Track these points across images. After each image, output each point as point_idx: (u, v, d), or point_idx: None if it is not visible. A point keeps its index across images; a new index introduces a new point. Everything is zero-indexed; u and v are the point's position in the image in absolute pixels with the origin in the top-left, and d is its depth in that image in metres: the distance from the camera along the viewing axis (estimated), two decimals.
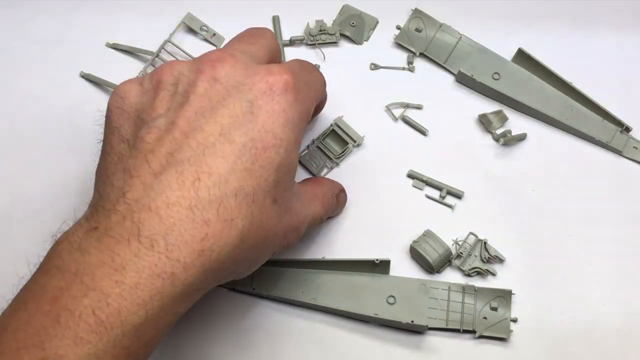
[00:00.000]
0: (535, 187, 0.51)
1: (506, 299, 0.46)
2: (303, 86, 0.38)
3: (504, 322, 0.45)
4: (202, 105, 0.36)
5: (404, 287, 0.46)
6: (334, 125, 0.52)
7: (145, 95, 0.37)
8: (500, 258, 0.48)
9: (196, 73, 0.37)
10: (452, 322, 0.45)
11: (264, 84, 0.37)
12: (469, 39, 0.54)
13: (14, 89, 0.54)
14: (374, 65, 0.55)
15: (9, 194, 0.50)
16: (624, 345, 0.46)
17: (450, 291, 0.46)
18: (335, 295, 0.46)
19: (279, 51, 0.43)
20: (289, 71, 0.38)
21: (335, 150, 0.52)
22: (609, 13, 0.57)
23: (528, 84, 0.53)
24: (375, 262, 0.45)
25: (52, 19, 0.56)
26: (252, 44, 0.41)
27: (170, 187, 0.34)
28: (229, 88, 0.36)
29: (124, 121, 0.37)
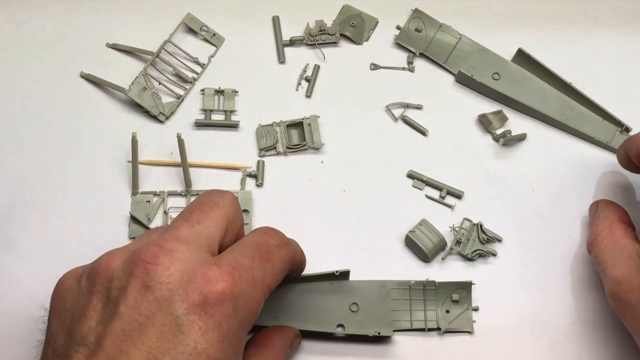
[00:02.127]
0: (535, 187, 0.51)
1: (467, 290, 0.46)
2: (246, 288, 0.35)
3: (465, 313, 0.45)
4: (132, 320, 0.33)
5: (365, 292, 0.45)
6: (305, 120, 0.52)
7: (81, 297, 0.35)
8: (498, 238, 0.49)
9: (129, 277, 0.34)
10: (416, 322, 0.45)
11: (197, 295, 0.33)
12: (469, 39, 0.54)
13: (14, 89, 0.54)
14: (373, 65, 0.55)
15: (9, 194, 0.50)
16: (624, 345, 0.46)
17: (411, 289, 0.46)
18: (298, 309, 0.45)
19: (239, 217, 0.40)
20: (229, 275, 0.34)
21: (291, 141, 0.52)
22: (609, 13, 0.57)
23: (528, 84, 0.53)
24: (336, 273, 0.44)
25: (52, 19, 0.56)
26: (200, 222, 0.37)
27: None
28: (160, 299, 0.33)
29: (58, 330, 0.35)
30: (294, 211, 0.50)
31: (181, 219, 0.37)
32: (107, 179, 0.51)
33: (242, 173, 0.51)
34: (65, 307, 0.35)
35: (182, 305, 0.33)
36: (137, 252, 0.35)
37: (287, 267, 0.39)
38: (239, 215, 0.40)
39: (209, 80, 0.54)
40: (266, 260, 0.37)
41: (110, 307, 0.34)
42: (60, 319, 0.35)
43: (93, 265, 0.36)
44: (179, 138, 0.48)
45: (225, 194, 0.40)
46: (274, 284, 0.37)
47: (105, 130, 0.52)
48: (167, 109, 0.53)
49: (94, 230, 0.49)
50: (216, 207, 0.38)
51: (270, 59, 0.55)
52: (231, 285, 0.34)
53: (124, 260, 0.35)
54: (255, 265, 0.36)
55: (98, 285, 0.34)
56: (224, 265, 0.35)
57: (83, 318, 0.34)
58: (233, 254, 0.36)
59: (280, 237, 0.40)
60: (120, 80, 0.53)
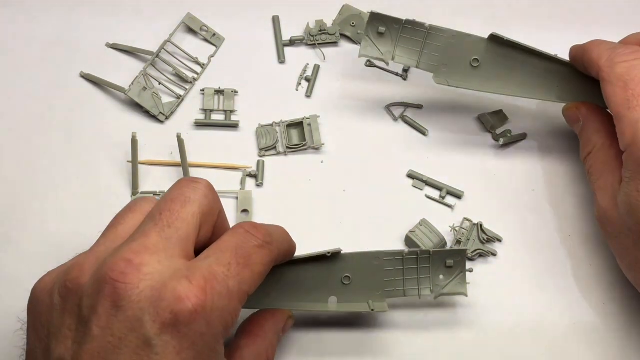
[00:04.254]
0: (535, 187, 0.51)
1: (462, 256, 0.44)
2: (220, 302, 0.33)
3: (460, 276, 0.45)
4: (105, 342, 0.32)
5: (357, 264, 0.44)
6: (305, 120, 0.52)
7: (55, 313, 0.34)
8: (498, 238, 0.49)
9: (98, 295, 0.32)
10: (409, 291, 0.44)
11: (169, 314, 0.31)
12: (438, 28, 0.48)
13: (14, 89, 0.54)
14: (369, 62, 0.55)
15: (9, 194, 0.50)
16: (624, 345, 0.46)
17: (405, 259, 0.44)
18: (290, 286, 0.43)
19: (215, 207, 0.37)
20: (201, 290, 0.32)
21: (291, 141, 0.52)
22: (609, 13, 0.57)
23: (509, 65, 0.48)
24: (327, 255, 0.43)
25: (52, 19, 0.56)
26: (171, 225, 0.35)
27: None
28: (132, 319, 0.32)
29: (37, 347, 0.34)
30: (294, 211, 0.50)
31: (150, 222, 0.35)
32: (107, 179, 0.51)
33: (242, 173, 0.51)
34: (41, 323, 0.34)
35: (154, 325, 0.31)
36: (105, 268, 0.33)
37: (267, 268, 0.37)
38: (215, 205, 0.37)
39: (209, 80, 0.54)
40: (244, 266, 0.35)
41: (83, 327, 0.32)
42: (37, 334, 0.34)
43: (64, 279, 0.34)
44: (179, 138, 0.48)
45: (197, 185, 0.37)
46: (252, 289, 0.36)
47: (105, 130, 0.52)
48: (167, 109, 0.53)
49: (94, 231, 0.48)
50: (188, 204, 0.35)
51: (270, 59, 0.55)
52: (203, 301, 0.32)
53: (92, 274, 0.33)
54: (230, 274, 0.34)
55: (69, 303, 0.33)
56: (196, 279, 0.33)
57: (60, 336, 0.33)
58: (207, 261, 0.34)
59: (263, 236, 0.37)
60: (120, 80, 0.53)
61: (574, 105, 0.49)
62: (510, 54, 0.48)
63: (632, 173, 0.41)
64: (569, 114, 0.49)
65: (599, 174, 0.45)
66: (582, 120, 0.48)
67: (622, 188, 0.42)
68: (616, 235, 0.43)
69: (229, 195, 0.50)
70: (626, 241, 0.42)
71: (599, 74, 0.44)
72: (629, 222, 0.41)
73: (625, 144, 0.42)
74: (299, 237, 0.49)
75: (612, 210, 0.43)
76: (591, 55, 0.45)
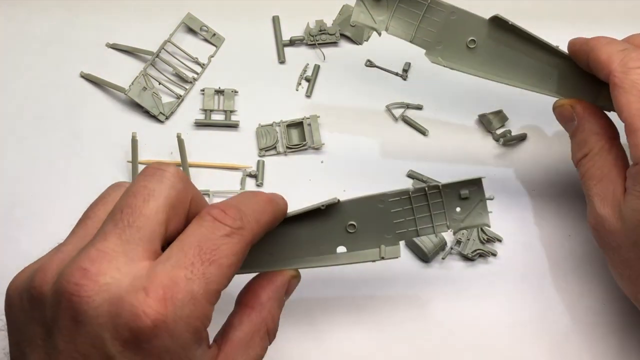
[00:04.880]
0: (535, 187, 0.51)
1: (477, 185, 0.40)
2: (184, 310, 0.31)
3: (480, 205, 0.40)
4: (71, 358, 0.30)
5: (361, 210, 0.40)
6: (305, 120, 0.52)
7: (25, 319, 0.32)
8: (498, 238, 0.49)
9: (58, 308, 0.31)
10: (423, 230, 0.41)
11: (128, 332, 0.30)
12: (439, 2, 0.45)
13: (14, 89, 0.54)
14: (369, 62, 0.55)
15: (9, 194, 0.50)
16: (624, 345, 0.46)
17: (412, 197, 0.40)
18: (293, 242, 0.40)
19: (185, 196, 0.34)
20: (160, 303, 0.30)
21: (291, 141, 0.52)
22: (609, 13, 0.57)
23: (507, 50, 0.46)
24: (322, 208, 0.40)
25: (52, 18, 0.56)
26: (132, 224, 0.32)
27: None
28: (93, 336, 0.30)
29: (16, 350, 0.33)
30: None
31: (110, 223, 0.32)
32: (107, 179, 0.50)
33: (242, 173, 0.51)
34: (17, 327, 0.33)
35: (114, 342, 0.30)
36: (63, 278, 0.31)
37: (242, 256, 0.34)
38: (185, 194, 0.34)
39: (209, 80, 0.54)
40: (210, 263, 0.32)
41: (50, 339, 0.31)
42: (15, 338, 0.33)
43: (29, 285, 0.32)
44: (179, 138, 0.48)
45: (163, 174, 0.33)
46: (223, 284, 0.33)
47: (105, 130, 0.52)
48: (167, 109, 0.53)
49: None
50: (151, 198, 0.32)
51: (270, 59, 0.55)
52: (163, 314, 0.30)
53: (53, 283, 0.31)
54: (194, 276, 0.31)
55: (36, 311, 0.32)
56: (153, 289, 0.30)
57: (33, 345, 0.32)
58: (168, 263, 0.31)
59: (232, 220, 0.33)
60: (120, 80, 0.53)
61: (569, 102, 0.46)
62: (510, 39, 0.46)
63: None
64: (562, 110, 0.46)
65: (597, 180, 0.42)
66: (577, 120, 0.45)
67: (630, 202, 0.40)
68: (615, 246, 0.41)
69: (229, 195, 0.50)
70: (628, 254, 0.40)
71: (609, 78, 0.41)
72: (636, 236, 0.39)
73: (638, 157, 0.39)
74: None
75: (613, 220, 0.41)
76: (599, 55, 0.42)
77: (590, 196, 0.43)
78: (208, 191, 0.50)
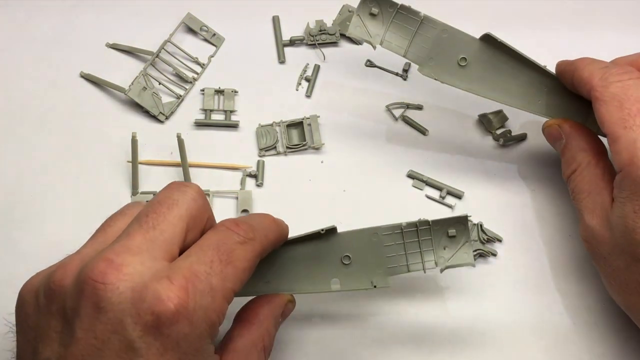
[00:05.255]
0: (535, 187, 0.51)
1: (463, 224, 0.42)
2: (203, 300, 0.33)
3: (465, 246, 0.42)
4: (89, 344, 0.32)
5: (356, 242, 0.42)
6: (305, 120, 0.52)
7: (41, 316, 0.34)
8: (498, 238, 0.49)
9: (80, 297, 0.32)
10: (413, 265, 0.42)
11: (150, 316, 0.31)
12: (432, 19, 0.47)
13: (14, 89, 0.54)
14: (369, 62, 0.55)
15: (9, 194, 0.50)
16: (624, 345, 0.46)
17: (404, 232, 0.42)
18: (288, 269, 0.42)
19: (204, 211, 0.37)
20: (182, 290, 0.32)
21: (291, 141, 0.52)
22: (609, 13, 0.57)
23: (497, 69, 0.47)
24: (321, 232, 0.42)
25: (52, 19, 0.56)
26: (156, 227, 0.34)
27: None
28: (114, 321, 0.31)
29: (25, 349, 0.34)
30: (294, 211, 0.50)
31: (135, 224, 0.35)
32: (107, 179, 0.51)
33: (242, 173, 0.51)
34: (29, 325, 0.34)
35: (135, 327, 0.31)
36: (86, 269, 0.32)
37: (253, 264, 0.36)
38: (204, 210, 0.37)
39: (209, 80, 0.55)
40: (227, 263, 0.34)
41: (67, 329, 0.32)
42: (25, 336, 0.34)
43: (48, 281, 0.34)
44: (179, 138, 0.48)
45: (186, 188, 0.36)
46: (237, 286, 0.35)
47: (105, 130, 0.52)
48: (167, 109, 0.53)
49: (94, 230, 0.49)
50: (174, 207, 0.35)
51: (270, 59, 0.56)
52: (185, 301, 0.32)
53: (75, 276, 0.33)
54: (213, 271, 0.34)
55: (54, 304, 0.33)
56: (177, 279, 0.32)
57: (46, 339, 0.33)
58: (188, 260, 0.34)
59: (245, 232, 0.36)
60: (120, 80, 0.53)
61: (556, 122, 0.47)
62: (500, 57, 0.47)
63: (628, 194, 0.40)
64: (551, 130, 0.48)
65: (586, 193, 0.44)
66: (565, 138, 0.46)
67: (616, 209, 0.41)
68: (605, 256, 0.42)
69: (229, 195, 0.50)
70: (617, 262, 0.41)
71: (591, 93, 0.43)
72: (623, 243, 0.40)
73: (621, 164, 0.40)
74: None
75: (602, 230, 0.42)
76: (582, 74, 0.44)
77: (580, 209, 0.44)
78: (208, 191, 0.50)
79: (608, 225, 0.42)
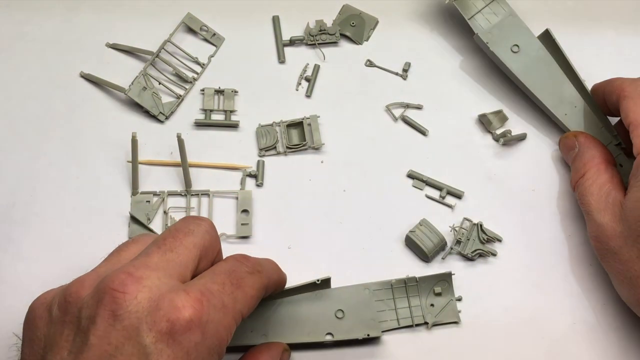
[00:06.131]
0: (535, 187, 0.51)
1: (448, 282, 0.46)
2: (215, 315, 0.34)
3: (450, 304, 0.46)
4: (102, 350, 0.33)
5: (349, 297, 0.45)
6: (305, 120, 0.52)
7: (52, 326, 0.35)
8: (498, 238, 0.49)
9: (97, 305, 0.33)
10: (403, 320, 0.45)
11: (165, 323, 0.33)
12: (504, 1, 0.53)
13: (14, 89, 0.54)
14: (369, 62, 0.55)
15: (9, 194, 0.50)
16: (624, 345, 0.46)
17: (393, 288, 0.46)
18: (285, 324, 0.44)
19: (215, 244, 0.39)
20: (197, 302, 0.34)
21: (291, 141, 0.52)
22: (609, 13, 0.57)
23: (543, 67, 0.52)
24: (317, 282, 0.44)
25: (52, 19, 0.56)
26: (172, 250, 0.37)
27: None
28: (129, 328, 0.33)
29: (33, 358, 0.35)
30: (294, 211, 0.50)
31: (154, 246, 0.37)
32: (107, 179, 0.51)
33: (242, 173, 0.51)
34: (38, 336, 0.35)
35: (149, 334, 0.32)
36: (106, 280, 0.34)
37: (259, 294, 0.39)
38: (215, 242, 0.39)
39: (209, 80, 0.54)
40: (237, 287, 0.37)
41: (80, 337, 0.33)
42: (33, 347, 0.35)
43: (64, 294, 0.35)
44: (179, 138, 0.48)
45: (201, 221, 0.39)
46: (245, 311, 0.37)
47: (105, 130, 0.52)
48: (167, 109, 0.53)
49: (94, 230, 0.49)
50: (190, 235, 0.38)
51: (270, 59, 0.55)
52: (199, 311, 0.33)
53: (93, 287, 0.34)
54: (225, 292, 0.36)
55: (69, 315, 0.34)
56: (192, 292, 0.34)
57: (56, 348, 0.34)
58: (202, 280, 0.36)
59: (253, 265, 0.39)
60: (120, 80, 0.53)
61: (572, 134, 0.50)
62: (548, 58, 0.52)
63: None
64: (567, 141, 0.50)
65: (595, 195, 0.46)
66: (578, 147, 0.49)
67: (632, 195, 0.43)
68: (616, 250, 0.43)
69: (229, 195, 0.50)
70: (628, 254, 0.42)
71: (620, 94, 0.46)
72: (637, 230, 0.42)
73: (639, 149, 0.44)
74: (299, 238, 0.49)
75: (613, 224, 0.44)
76: (614, 83, 0.48)
77: (589, 211, 0.46)
78: (208, 191, 0.50)
79: (620, 218, 0.43)
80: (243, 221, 0.49)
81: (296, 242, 0.49)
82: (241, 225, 0.49)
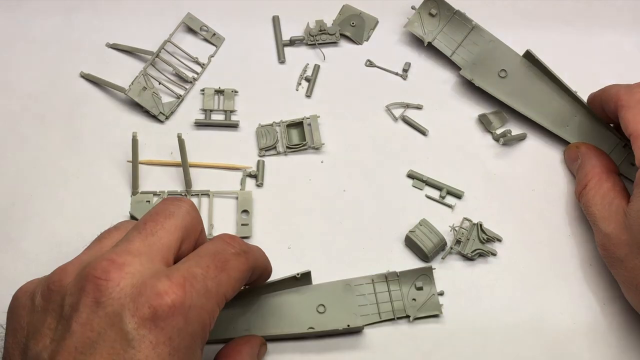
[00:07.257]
0: (535, 187, 0.51)
1: (429, 276, 0.47)
2: (198, 300, 0.34)
3: (432, 298, 0.46)
4: (84, 337, 0.33)
5: (329, 292, 0.46)
6: (305, 120, 0.52)
7: (35, 314, 0.35)
8: (498, 238, 0.49)
9: (80, 293, 0.33)
10: (384, 314, 0.46)
11: (147, 309, 0.33)
12: (482, 29, 0.53)
13: (14, 89, 0.54)
14: (369, 62, 0.55)
15: (9, 194, 0.50)
16: (624, 345, 0.46)
17: (374, 283, 0.46)
18: (267, 319, 0.45)
19: (197, 225, 0.39)
20: (180, 287, 0.34)
21: (291, 141, 0.52)
22: (609, 13, 0.57)
23: (533, 86, 0.52)
24: (297, 276, 0.45)
25: (52, 18, 0.56)
26: (154, 233, 0.36)
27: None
28: (112, 315, 0.33)
29: (14, 348, 0.35)
30: (294, 211, 0.50)
31: (134, 231, 0.36)
32: (107, 179, 0.51)
33: (242, 173, 0.51)
34: (21, 325, 0.35)
35: (132, 320, 0.32)
36: (88, 268, 0.34)
37: (244, 276, 0.38)
38: (197, 223, 0.39)
39: (209, 80, 0.54)
40: (221, 270, 0.36)
41: (63, 325, 0.33)
42: (16, 336, 0.35)
43: (47, 282, 0.35)
44: (179, 138, 0.48)
45: (181, 202, 0.39)
46: (229, 294, 0.37)
47: (105, 130, 0.52)
48: (167, 109, 0.53)
49: (94, 230, 0.48)
50: (171, 217, 0.37)
51: (270, 59, 0.55)
52: (181, 297, 0.33)
53: (76, 275, 0.34)
54: (209, 275, 0.35)
55: (52, 303, 0.34)
56: (175, 277, 0.34)
57: (38, 336, 0.34)
58: (186, 264, 0.36)
59: (239, 245, 0.38)
60: (120, 80, 0.53)
61: (575, 145, 0.51)
62: (537, 76, 0.51)
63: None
64: (570, 152, 0.51)
65: (599, 205, 0.46)
66: (581, 157, 0.49)
67: (634, 205, 0.43)
68: (622, 258, 0.43)
69: (229, 195, 0.50)
70: (634, 262, 0.43)
71: (617, 103, 0.46)
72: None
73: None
74: (299, 238, 0.49)
75: (619, 233, 0.44)
76: (610, 91, 0.48)
77: (594, 221, 0.46)
78: (208, 191, 0.50)
79: (624, 226, 0.44)
80: (243, 221, 0.49)
81: (296, 242, 0.49)
82: (241, 225, 0.49)
